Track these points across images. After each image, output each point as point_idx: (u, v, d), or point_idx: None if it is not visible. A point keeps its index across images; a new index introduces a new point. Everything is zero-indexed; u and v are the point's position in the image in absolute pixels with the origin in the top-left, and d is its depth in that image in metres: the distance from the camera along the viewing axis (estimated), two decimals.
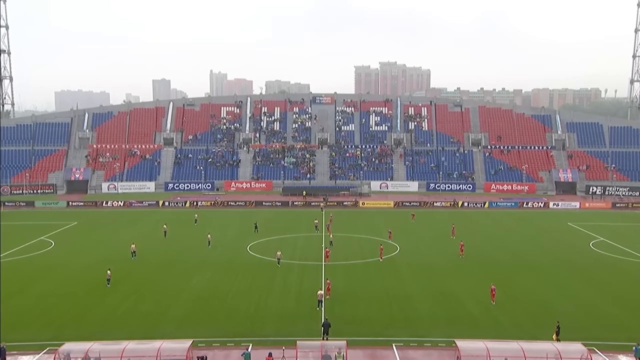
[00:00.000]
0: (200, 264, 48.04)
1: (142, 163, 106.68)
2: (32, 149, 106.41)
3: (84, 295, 38.96)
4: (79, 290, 40.19)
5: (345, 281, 42.83)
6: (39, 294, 39.23)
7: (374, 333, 32.46)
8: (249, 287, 40.91)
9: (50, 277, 44.16)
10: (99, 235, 61.21)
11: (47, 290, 40.36)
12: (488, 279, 42.59)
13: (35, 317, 34.66)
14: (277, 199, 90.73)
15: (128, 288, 40.78)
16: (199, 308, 36.58)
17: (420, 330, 32.89)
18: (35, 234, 61.41)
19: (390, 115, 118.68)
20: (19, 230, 64.82)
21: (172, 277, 44.07)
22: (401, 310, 36.19)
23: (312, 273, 45.03)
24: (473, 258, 50.56)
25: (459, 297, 39.08)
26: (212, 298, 38.58)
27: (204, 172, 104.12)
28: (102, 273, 42.70)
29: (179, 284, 42.01)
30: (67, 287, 41.01)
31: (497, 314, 35.69)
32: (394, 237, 59.31)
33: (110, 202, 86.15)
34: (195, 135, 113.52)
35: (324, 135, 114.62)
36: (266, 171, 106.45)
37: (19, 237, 59.59)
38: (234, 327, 33.14)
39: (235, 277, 44.07)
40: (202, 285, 41.90)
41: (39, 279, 43.61)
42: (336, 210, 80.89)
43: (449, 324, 33.91)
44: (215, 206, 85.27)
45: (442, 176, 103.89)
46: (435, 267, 47.37)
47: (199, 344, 30.06)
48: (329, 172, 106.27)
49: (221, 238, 59.51)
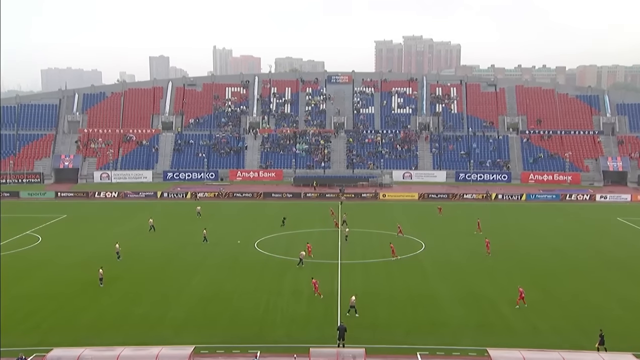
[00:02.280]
0: (202, 262, 48.27)
1: (138, 150, 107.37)
2: (16, 134, 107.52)
3: (74, 296, 39.34)
4: (68, 290, 40.60)
5: (363, 281, 42.80)
6: (24, 294, 39.67)
7: (396, 340, 32.37)
8: (256, 288, 41.02)
9: (37, 275, 44.65)
10: (90, 230, 61.75)
11: (33, 290, 40.81)
12: (524, 279, 42.25)
13: (20, 320, 35.06)
14: (287, 190, 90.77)
15: (122, 288, 41.09)
16: (200, 311, 36.76)
17: (448, 337, 32.72)
18: (20, 228, 62.14)
19: (414, 97, 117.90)
20: (2, 223, 65.60)
21: (171, 276, 44.33)
22: (426, 314, 36.05)
23: (327, 272, 45.02)
24: (507, 256, 50.20)
25: (491, 299, 38.83)
26: (215, 299, 38.75)
27: (206, 159, 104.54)
28: (93, 271, 43.05)
29: (179, 283, 42.26)
30: (56, 286, 41.43)
31: (535, 319, 35.38)
32: (419, 234, 59.06)
33: (103, 192, 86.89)
34: (197, 118, 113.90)
35: (340, 119, 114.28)
36: (276, 159, 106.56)
37: (2, 231, 60.27)
38: (240, 332, 33.25)
39: (241, 276, 44.20)
40: (204, 285, 42.08)
41: (24, 277, 44.10)
42: (354, 203, 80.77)
43: (480, 330, 33.70)
44: (219, 198, 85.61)
45: (473, 165, 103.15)
46: (465, 266, 47.13)
47: (201, 350, 30.21)
48: (345, 160, 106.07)
49: (225, 233, 59.74)
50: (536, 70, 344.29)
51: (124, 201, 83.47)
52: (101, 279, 41.25)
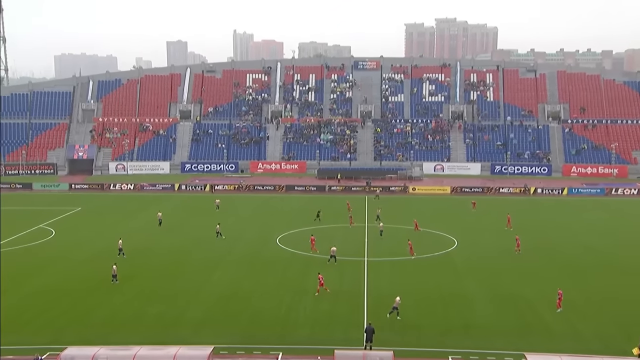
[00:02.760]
0: (221, 258, 48.62)
1: (154, 140, 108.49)
2: (29, 123, 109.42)
3: (88, 293, 39.94)
4: (82, 286, 41.24)
5: (391, 280, 42.71)
6: (36, 291, 40.40)
7: (426, 342, 32.22)
8: (278, 286, 41.18)
9: (50, 271, 45.45)
10: (105, 224, 62.64)
11: (45, 286, 41.55)
12: (563, 279, 41.72)
13: (33, 317, 35.71)
14: (311, 182, 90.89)
15: (137, 285, 41.60)
16: (220, 309, 37.04)
17: (482, 341, 32.47)
18: (33, 220, 63.32)
19: (447, 83, 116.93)
20: (14, 216, 66.88)
21: (188, 273, 44.75)
22: (459, 316, 35.81)
23: (353, 270, 45.00)
24: (545, 254, 49.65)
25: (528, 300, 38.45)
26: (235, 297, 39.00)
27: (226, 150, 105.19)
28: (107, 267, 43.62)
29: (197, 281, 42.63)
30: (69, 282, 42.11)
31: (577, 323, 34.90)
32: (451, 230, 58.70)
33: (119, 184, 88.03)
34: (216, 107, 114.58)
35: (367, 108, 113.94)
36: (299, 150, 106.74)
37: (14, 224, 61.47)
38: (261, 332, 33.43)
39: (262, 273, 44.41)
40: (224, 282, 42.38)
41: (36, 273, 44.93)
42: (381, 196, 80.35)
43: (517, 334, 33.38)
44: (239, 191, 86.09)
45: (510, 157, 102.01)
46: (499, 265, 46.74)
47: (220, 351, 30.44)
48: (373, 151, 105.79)
49: (245, 228, 60.07)
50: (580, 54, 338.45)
51: (140, 194, 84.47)
52: (115, 275, 41.68)
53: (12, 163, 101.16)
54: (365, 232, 57.79)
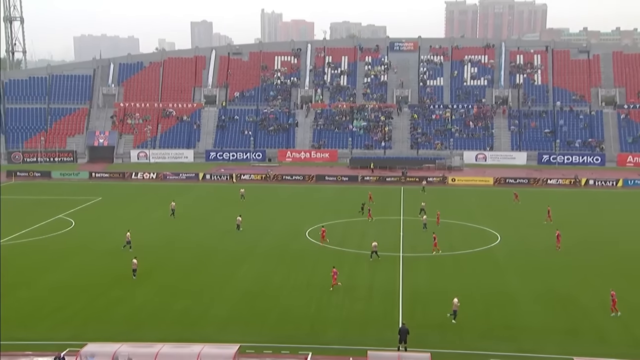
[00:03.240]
0: (247, 253, 48.94)
1: (178, 126, 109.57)
2: (47, 108, 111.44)
3: (109, 287, 40.59)
4: (102, 280, 41.92)
5: (429, 277, 42.56)
6: (55, 284, 41.17)
7: (467, 344, 32.01)
8: (308, 282, 41.31)
9: (69, 263, 46.32)
10: (126, 214, 63.56)
11: (65, 279, 42.33)
12: (617, 279, 40.98)
13: (51, 312, 36.44)
14: (343, 172, 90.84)
15: (160, 280, 42.12)
16: (246, 306, 37.32)
17: (528, 343, 32.14)
18: (51, 210, 64.56)
19: (491, 66, 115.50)
20: (32, 206, 68.36)
21: (212, 267, 45.17)
22: (502, 316, 35.49)
23: (387, 266, 44.94)
24: (598, 251, 48.87)
25: (578, 300, 37.91)
26: (262, 294, 39.25)
27: (252, 138, 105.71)
28: (128, 260, 44.24)
29: (222, 276, 43.00)
30: (89, 276, 42.84)
31: (633, 326, 34.28)
32: (494, 224, 58.16)
33: (141, 173, 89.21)
34: (243, 92, 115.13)
35: (404, 92, 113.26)
36: (330, 138, 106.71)
37: (32, 214, 62.84)
38: (289, 331, 33.60)
39: (291, 269, 44.59)
40: (250, 278, 42.68)
41: (55, 265, 45.83)
42: (418, 188, 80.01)
43: (566, 336, 32.95)
44: (266, 181, 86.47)
45: (559, 145, 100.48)
46: (547, 262, 46.17)
47: (246, 350, 30.69)
48: (409, 139, 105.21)
49: (273, 221, 60.36)
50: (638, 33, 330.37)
51: (163, 183, 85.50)
52: (135, 270, 42.05)
53: (31, 150, 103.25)
54: (401, 226, 57.55)
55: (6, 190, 78.20)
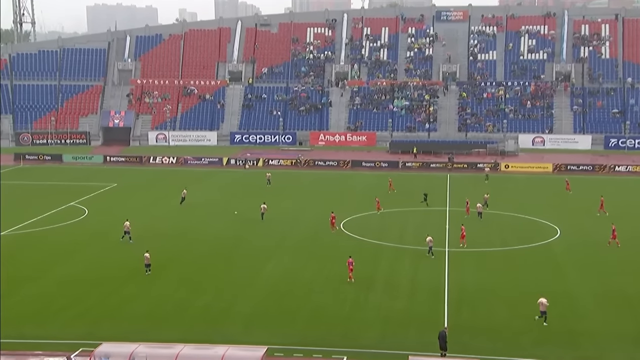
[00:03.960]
0: (276, 245, 49.18)
1: (200, 105, 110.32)
2: (58, 85, 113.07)
3: (125, 281, 41.18)
4: (118, 273, 42.52)
5: (478, 275, 42.30)
6: (66, 278, 41.86)
7: (520, 351, 31.75)
8: (343, 279, 41.33)
9: (81, 255, 47.06)
10: (143, 202, 64.44)
11: (77, 273, 43.00)
12: None
13: (62, 308, 37.04)
14: (382, 157, 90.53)
15: (179, 274, 42.58)
16: (274, 304, 37.52)
17: (591, 350, 31.77)
18: (62, 197, 65.64)
19: (552, 37, 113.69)
20: (42, 192, 69.63)
21: (238, 261, 45.50)
22: (561, 320, 35.06)
23: (431, 262, 44.82)
24: None
25: None
26: (292, 291, 39.42)
27: (282, 119, 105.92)
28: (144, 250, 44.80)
29: (248, 271, 43.27)
30: (104, 269, 43.47)
31: None
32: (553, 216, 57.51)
33: (159, 157, 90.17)
34: (272, 67, 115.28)
35: (451, 68, 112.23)
36: (368, 119, 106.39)
37: (42, 201, 64.00)
38: (322, 332, 33.70)
39: (324, 263, 44.67)
40: (279, 273, 42.89)
41: (66, 258, 46.60)
42: (466, 175, 79.45)
43: (635, 343, 32.46)
44: (297, 167, 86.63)
45: (629, 127, 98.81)
46: (612, 259, 45.58)
47: (275, 352, 30.86)
48: (457, 120, 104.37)
49: (304, 211, 60.54)
50: None
51: (184, 168, 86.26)
52: (148, 265, 41.97)
53: (40, 131, 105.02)
54: (447, 218, 57.23)
55: (13, 175, 79.84)
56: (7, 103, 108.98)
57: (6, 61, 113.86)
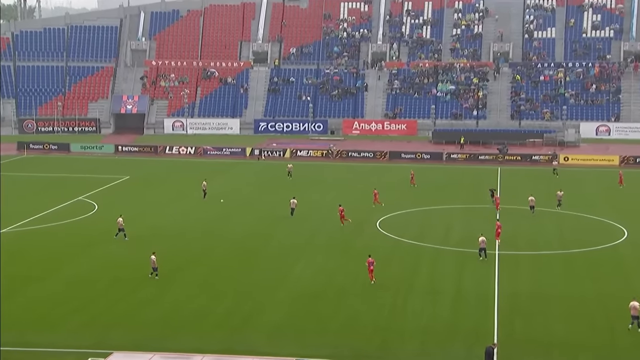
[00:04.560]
0: (305, 245, 49.25)
1: (221, 90, 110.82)
2: (65, 66, 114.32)
3: (139, 284, 41.44)
4: (130, 275, 42.80)
5: (533, 281, 42.02)
6: (74, 280, 42.25)
7: None
8: (379, 283, 41.23)
9: (91, 255, 47.49)
10: (158, 197, 64.94)
11: (85, 274, 43.39)
12: None
13: (69, 313, 37.33)
14: (423, 148, 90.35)
15: (197, 277, 42.78)
16: (303, 310, 37.54)
17: None
18: (70, 191, 66.34)
19: (620, 12, 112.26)
20: (48, 185, 70.56)
21: (263, 262, 45.60)
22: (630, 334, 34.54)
23: (480, 265, 44.57)
24: None
25: None
26: (323, 297, 39.39)
27: (312, 105, 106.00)
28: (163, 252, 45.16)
29: (273, 273, 43.35)
30: (115, 270, 43.77)
31: None
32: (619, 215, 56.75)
33: (176, 147, 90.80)
34: (301, 47, 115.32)
35: (503, 47, 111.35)
36: (408, 105, 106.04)
37: (47, 195, 64.83)
38: (356, 343, 33.64)
39: (359, 266, 44.53)
40: (308, 276, 42.93)
41: (74, 257, 47.04)
42: (520, 168, 78.55)
43: None
44: (328, 158, 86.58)
45: None
46: None
47: None
48: (509, 107, 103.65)
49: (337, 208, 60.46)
50: None
51: (203, 159, 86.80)
52: (155, 268, 41.90)
53: (46, 118, 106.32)
54: (497, 217, 56.77)
55: (16, 166, 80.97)
56: (10, 86, 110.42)
57: (8, 40, 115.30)
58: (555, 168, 76.68)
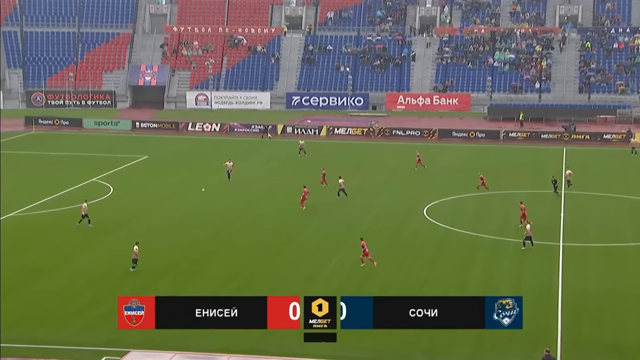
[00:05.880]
0: (344, 235, 49.22)
1: (250, 60, 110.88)
2: (77, 32, 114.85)
3: (157, 276, 41.81)
4: (149, 266, 43.00)
5: (603, 277, 41.73)
6: (88, 270, 42.64)
7: None
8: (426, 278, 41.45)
9: (106, 243, 47.95)
10: (180, 179, 65.28)
11: (100, 264, 43.75)
12: None
13: (83, 308, 37.68)
14: (478, 126, 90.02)
15: (222, 268, 43.08)
16: None
17: None
18: (83, 172, 66.90)
19: None
20: (58, 165, 71.37)
21: (296, 253, 45.78)
22: None
23: (541, 259, 44.25)
24: None
25: None
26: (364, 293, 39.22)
27: (351, 76, 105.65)
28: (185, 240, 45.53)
29: (307, 265, 43.44)
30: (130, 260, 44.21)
31: None
32: None
33: (200, 124, 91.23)
34: (339, 11, 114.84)
35: (571, 10, 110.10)
36: (461, 76, 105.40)
37: (58, 176, 65.60)
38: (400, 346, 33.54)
39: (404, 258, 44.60)
40: (346, 269, 42.98)
41: (88, 245, 47.51)
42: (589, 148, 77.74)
43: None
44: (370, 137, 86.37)
45: None
46: None
47: None
48: (577, 79, 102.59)
49: (379, 192, 60.72)
50: None
51: (229, 137, 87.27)
52: (135, 259, 41.76)
53: (56, 90, 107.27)
54: (562, 204, 56.37)
55: (24, 143, 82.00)
56: (17, 55, 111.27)
57: (15, 3, 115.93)
58: (634, 147, 75.45)
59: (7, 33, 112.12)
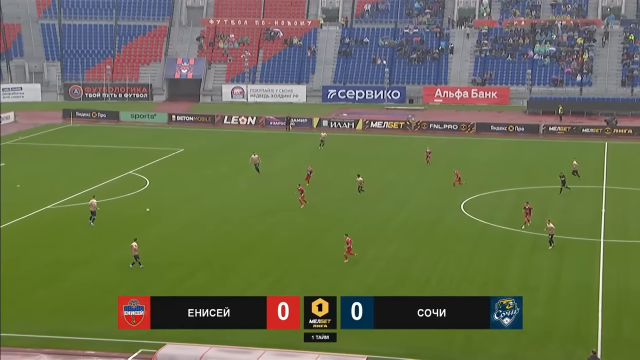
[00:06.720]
0: (378, 229, 49.24)
1: (286, 52, 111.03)
2: (115, 25, 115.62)
3: (194, 269, 42.11)
4: (186, 260, 43.45)
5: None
6: (124, 264, 42.89)
7: None
8: (464, 274, 41.21)
9: (142, 236, 47.73)
10: (216, 172, 65.62)
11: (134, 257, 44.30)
12: None
13: None
14: (517, 119, 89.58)
15: (260, 263, 43.26)
16: None
17: None
18: (119, 164, 67.55)
19: None
20: (95, 157, 72.04)
21: (329, 248, 45.56)
22: None
23: (581, 256, 43.94)
24: None
25: None
26: (398, 289, 39.23)
27: (388, 69, 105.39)
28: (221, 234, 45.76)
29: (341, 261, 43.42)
30: (166, 255, 44.48)
31: None
32: None
33: (236, 117, 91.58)
34: (376, 3, 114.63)
35: (614, 1, 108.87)
36: (500, 69, 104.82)
37: (95, 169, 66.18)
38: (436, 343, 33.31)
39: (440, 255, 44.41)
40: (381, 264, 42.94)
41: (124, 239, 47.36)
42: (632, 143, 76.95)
43: None
44: (406, 130, 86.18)
45: None
46: None
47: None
48: (619, 72, 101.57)
49: (415, 186, 60.59)
50: None
51: (265, 131, 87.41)
52: (136, 256, 41.93)
53: (94, 83, 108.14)
54: (603, 200, 55.92)
55: (61, 135, 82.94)
56: (55, 48, 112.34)
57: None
58: None
59: (46, 26, 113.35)
